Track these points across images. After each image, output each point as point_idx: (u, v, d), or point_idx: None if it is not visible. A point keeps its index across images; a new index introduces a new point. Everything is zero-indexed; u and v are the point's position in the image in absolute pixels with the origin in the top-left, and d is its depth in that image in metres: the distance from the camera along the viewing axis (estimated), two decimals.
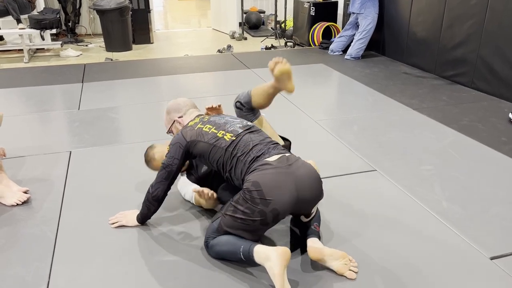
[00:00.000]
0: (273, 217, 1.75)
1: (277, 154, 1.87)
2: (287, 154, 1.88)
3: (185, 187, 2.34)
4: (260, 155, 1.87)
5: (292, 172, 1.79)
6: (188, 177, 2.36)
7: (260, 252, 1.69)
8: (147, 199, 2.05)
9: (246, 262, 1.79)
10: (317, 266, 1.86)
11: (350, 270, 1.80)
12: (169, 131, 2.33)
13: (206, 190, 2.09)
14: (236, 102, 2.32)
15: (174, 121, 2.26)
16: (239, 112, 2.32)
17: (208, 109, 2.27)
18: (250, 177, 1.78)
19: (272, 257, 1.64)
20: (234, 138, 1.94)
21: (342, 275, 1.79)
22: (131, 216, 2.15)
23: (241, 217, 1.76)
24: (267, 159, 1.84)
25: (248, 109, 2.29)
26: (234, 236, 1.80)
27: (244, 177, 1.84)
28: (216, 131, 1.99)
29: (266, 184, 1.73)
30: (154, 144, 2.44)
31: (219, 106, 2.28)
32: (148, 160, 2.41)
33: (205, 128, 2.02)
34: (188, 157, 2.03)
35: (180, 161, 2.00)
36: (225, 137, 1.95)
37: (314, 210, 1.93)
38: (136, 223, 2.14)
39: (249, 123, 2.10)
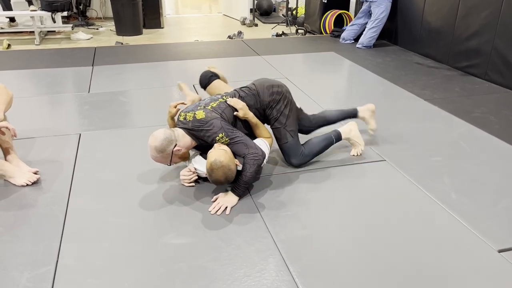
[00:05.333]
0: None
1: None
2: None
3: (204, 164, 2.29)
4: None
5: None
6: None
7: (344, 130, 2.68)
8: (256, 164, 2.19)
9: (336, 143, 2.64)
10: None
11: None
12: (171, 163, 2.26)
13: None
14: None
15: (172, 152, 2.19)
16: None
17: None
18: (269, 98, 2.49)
19: (352, 126, 2.71)
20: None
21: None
22: (230, 198, 2.21)
23: (290, 112, 2.50)
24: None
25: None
26: (317, 139, 2.60)
27: (263, 104, 2.48)
28: (219, 99, 2.40)
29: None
30: (214, 157, 2.10)
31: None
32: (219, 166, 2.08)
33: (214, 104, 2.35)
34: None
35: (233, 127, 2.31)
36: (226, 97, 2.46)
37: None
38: (236, 200, 2.23)
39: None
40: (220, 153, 2.10)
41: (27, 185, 2.34)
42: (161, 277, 1.74)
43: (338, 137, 2.65)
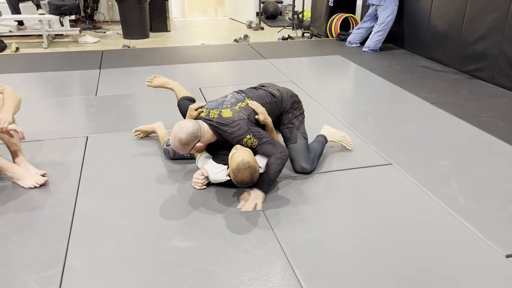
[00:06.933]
0: None
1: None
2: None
3: (217, 169, 2.32)
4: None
5: None
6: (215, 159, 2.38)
7: (326, 134, 2.77)
8: (282, 163, 2.24)
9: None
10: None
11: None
12: (188, 154, 2.33)
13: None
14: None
15: (194, 146, 2.23)
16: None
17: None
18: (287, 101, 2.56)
19: (327, 130, 2.81)
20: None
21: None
22: (258, 194, 2.23)
23: (303, 119, 2.61)
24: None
25: None
26: (313, 143, 2.66)
27: (283, 111, 2.54)
28: (245, 100, 2.41)
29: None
30: (241, 157, 2.10)
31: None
32: (247, 167, 2.08)
33: (242, 104, 2.35)
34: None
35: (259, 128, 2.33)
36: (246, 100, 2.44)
37: None
38: (264, 196, 2.25)
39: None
40: (246, 154, 2.11)
41: (35, 187, 2.36)
42: (168, 279, 1.74)
43: (326, 139, 2.76)
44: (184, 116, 2.64)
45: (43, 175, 2.44)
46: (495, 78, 4.27)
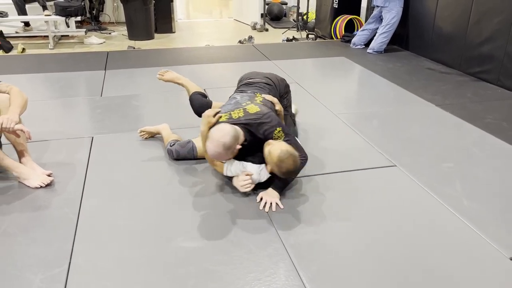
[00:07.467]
0: None
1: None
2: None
3: (257, 168, 2.27)
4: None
5: None
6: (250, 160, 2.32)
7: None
8: (301, 167, 2.22)
9: None
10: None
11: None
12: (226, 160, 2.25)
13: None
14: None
15: (234, 148, 2.14)
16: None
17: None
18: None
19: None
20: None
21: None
22: (273, 194, 2.24)
23: (290, 102, 2.78)
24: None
25: None
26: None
27: (280, 95, 2.65)
28: (257, 95, 2.45)
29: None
30: (279, 148, 2.08)
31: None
32: (288, 156, 2.06)
33: (259, 100, 2.37)
34: None
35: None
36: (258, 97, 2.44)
37: None
38: (279, 195, 2.26)
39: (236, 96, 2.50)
40: (282, 144, 2.10)
41: (41, 187, 2.38)
42: (172, 280, 1.75)
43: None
44: (195, 110, 2.64)
45: (49, 175, 2.46)
46: (500, 80, 4.25)
